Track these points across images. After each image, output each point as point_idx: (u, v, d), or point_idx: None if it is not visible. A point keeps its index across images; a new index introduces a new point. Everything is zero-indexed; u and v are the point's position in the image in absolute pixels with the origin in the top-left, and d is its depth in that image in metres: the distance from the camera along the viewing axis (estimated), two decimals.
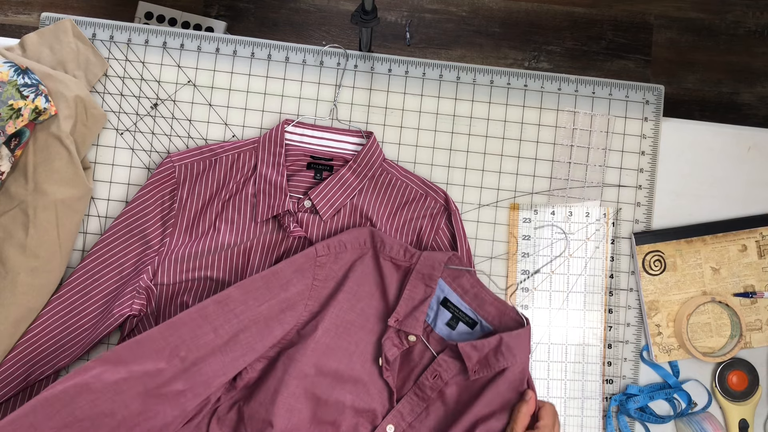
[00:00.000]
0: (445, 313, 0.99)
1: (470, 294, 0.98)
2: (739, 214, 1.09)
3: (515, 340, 0.94)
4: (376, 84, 1.08)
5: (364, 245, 0.99)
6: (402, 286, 0.97)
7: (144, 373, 0.88)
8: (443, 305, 0.99)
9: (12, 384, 0.95)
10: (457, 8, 1.88)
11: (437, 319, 0.99)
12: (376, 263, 0.98)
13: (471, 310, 0.98)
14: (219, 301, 0.91)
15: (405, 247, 0.98)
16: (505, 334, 0.94)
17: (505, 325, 0.96)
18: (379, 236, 0.99)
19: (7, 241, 0.96)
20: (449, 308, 0.98)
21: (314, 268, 0.96)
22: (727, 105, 1.89)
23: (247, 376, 0.94)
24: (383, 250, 0.98)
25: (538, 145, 1.09)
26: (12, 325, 0.95)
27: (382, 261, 0.98)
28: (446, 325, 0.99)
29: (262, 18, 1.87)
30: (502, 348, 0.93)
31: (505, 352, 0.94)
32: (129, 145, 1.06)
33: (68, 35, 1.04)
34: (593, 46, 1.88)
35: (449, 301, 0.98)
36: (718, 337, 1.06)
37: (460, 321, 0.98)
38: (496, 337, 0.93)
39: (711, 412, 1.05)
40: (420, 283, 0.96)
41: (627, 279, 1.07)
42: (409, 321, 0.95)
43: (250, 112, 1.07)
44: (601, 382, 1.06)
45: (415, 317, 0.95)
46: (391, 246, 0.98)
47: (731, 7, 1.90)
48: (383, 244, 0.98)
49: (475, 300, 0.98)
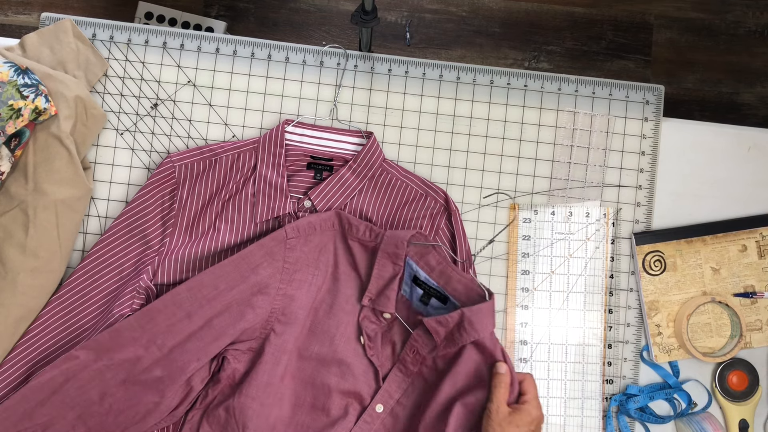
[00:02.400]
0: (417, 289, 0.99)
1: (437, 271, 0.97)
2: (739, 215, 1.09)
3: (477, 315, 0.93)
4: (376, 84, 1.08)
5: (333, 227, 0.99)
6: (372, 266, 0.98)
7: (125, 360, 0.91)
8: (414, 282, 0.99)
9: (12, 384, 0.95)
10: (457, 8, 1.88)
11: (413, 296, 1.00)
12: (346, 245, 0.99)
13: (438, 286, 0.98)
14: (191, 288, 0.93)
15: (370, 228, 0.99)
16: (467, 309, 0.93)
17: (471, 300, 0.96)
18: (346, 218, 0.99)
19: (7, 241, 0.96)
20: (420, 285, 0.98)
21: (284, 250, 0.96)
22: (727, 105, 1.89)
23: (229, 368, 0.95)
24: (351, 232, 0.99)
25: (538, 145, 1.09)
26: (12, 325, 0.96)
27: (351, 242, 0.99)
28: (420, 301, 0.99)
29: (262, 18, 1.87)
30: (465, 323, 0.93)
31: (468, 327, 0.93)
32: (129, 145, 1.06)
33: (68, 35, 1.04)
34: (593, 46, 1.88)
35: (419, 278, 0.99)
36: (718, 337, 1.06)
37: (432, 296, 0.98)
38: (458, 312, 0.93)
39: (711, 412, 1.05)
40: (387, 262, 0.97)
41: (627, 279, 1.07)
42: (381, 299, 0.96)
43: (250, 112, 1.07)
44: (601, 382, 1.06)
45: (387, 295, 0.96)
46: (357, 227, 0.99)
47: (731, 7, 1.90)
48: (350, 226, 0.99)
49: (442, 277, 0.97)
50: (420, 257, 0.98)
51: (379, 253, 0.97)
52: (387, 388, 0.97)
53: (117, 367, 0.91)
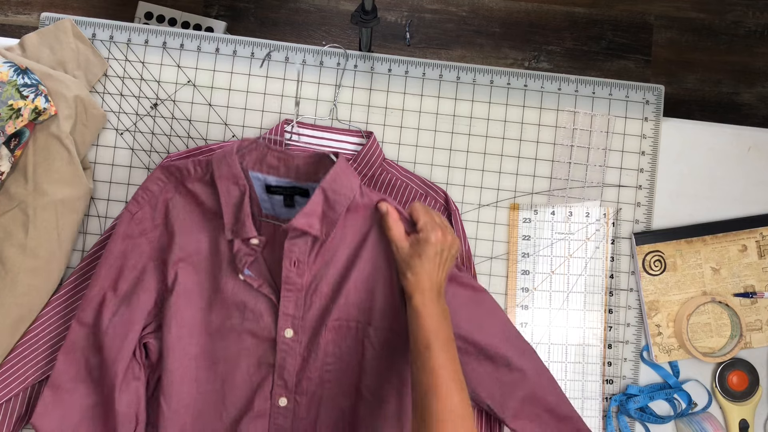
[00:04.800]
0: (275, 198, 0.95)
1: (281, 168, 0.93)
2: (739, 214, 1.09)
3: (335, 182, 0.90)
4: (376, 84, 1.08)
5: (167, 180, 0.95)
6: (218, 198, 0.93)
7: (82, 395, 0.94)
8: (269, 192, 0.95)
9: (12, 384, 0.95)
10: (457, 8, 1.88)
11: (275, 207, 0.96)
12: (188, 191, 0.95)
13: (293, 182, 0.94)
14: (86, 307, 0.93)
15: (195, 162, 0.94)
16: (323, 181, 0.90)
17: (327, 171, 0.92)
18: (173, 166, 0.95)
19: (7, 241, 0.96)
20: (275, 191, 0.94)
21: (137, 225, 0.94)
22: (727, 105, 1.89)
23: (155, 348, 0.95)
24: (185, 176, 0.95)
25: (538, 145, 1.09)
26: (12, 325, 0.95)
27: (191, 186, 0.94)
28: (285, 207, 0.95)
29: (262, 18, 1.87)
30: (329, 194, 0.90)
31: (333, 196, 0.90)
32: (129, 145, 1.06)
33: (68, 35, 1.04)
34: (593, 46, 1.88)
35: (270, 185, 0.94)
36: (718, 337, 1.06)
37: (293, 196, 0.94)
38: (317, 192, 0.90)
39: (711, 412, 1.05)
40: (229, 184, 0.91)
41: (627, 279, 1.07)
42: (239, 227, 0.91)
43: (250, 112, 1.07)
44: (602, 383, 1.06)
45: (242, 221, 0.91)
46: (186, 169, 0.94)
47: (731, 7, 1.90)
48: (180, 171, 0.95)
49: (289, 170, 0.93)
50: (260, 163, 0.93)
51: (217, 181, 0.92)
52: (284, 311, 0.93)
53: None
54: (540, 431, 0.96)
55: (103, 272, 0.94)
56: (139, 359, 0.94)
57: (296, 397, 0.94)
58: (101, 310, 0.93)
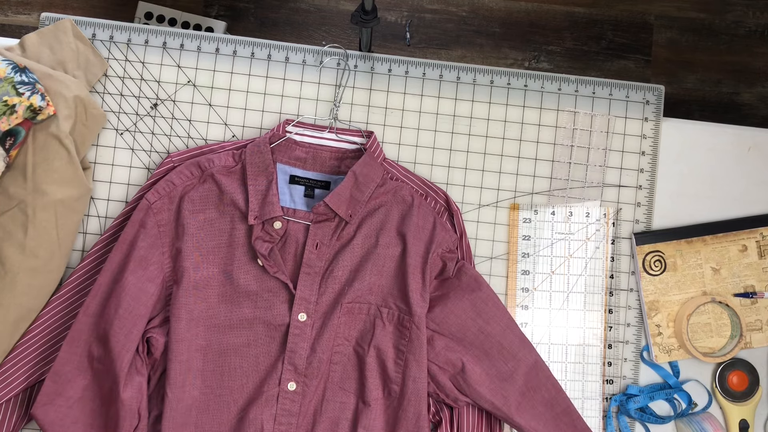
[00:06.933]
0: (297, 188, 1.00)
1: (309, 161, 1.00)
2: (739, 214, 1.09)
3: (365, 166, 0.97)
4: (376, 84, 1.08)
5: (192, 175, 0.99)
6: (245, 185, 0.97)
7: (82, 387, 0.94)
8: (293, 183, 1.00)
9: (12, 384, 0.95)
10: (457, 8, 1.88)
11: (295, 199, 1.00)
12: (213, 180, 0.98)
13: (318, 174, 1.00)
14: (95, 295, 0.94)
15: (230, 153, 0.99)
16: (355, 166, 0.97)
17: (352, 165, 0.99)
18: (204, 157, 0.99)
19: (7, 241, 0.96)
20: (298, 182, 1.00)
21: (153, 215, 0.96)
22: (727, 105, 1.89)
23: (158, 344, 0.95)
24: (212, 166, 0.98)
25: (538, 145, 1.09)
26: (12, 325, 0.95)
27: (218, 176, 0.98)
28: (305, 198, 1.00)
29: (262, 18, 1.87)
30: (359, 178, 0.96)
31: (362, 179, 0.97)
32: (129, 145, 1.06)
33: (68, 35, 1.04)
34: (593, 46, 1.88)
35: (296, 175, 1.00)
36: (719, 337, 1.06)
37: (314, 188, 1.00)
38: (349, 175, 0.96)
39: (711, 412, 1.05)
40: (259, 174, 0.97)
41: (627, 279, 1.07)
42: (266, 209, 0.95)
43: (250, 112, 1.07)
44: (602, 383, 1.06)
45: (270, 203, 0.95)
46: (219, 158, 0.99)
47: (731, 7, 1.90)
48: (209, 161, 0.99)
49: (315, 163, 1.00)
50: (288, 156, 0.99)
51: (248, 169, 0.97)
52: (300, 294, 0.96)
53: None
54: (543, 425, 0.98)
55: (116, 258, 0.95)
56: (142, 355, 0.94)
57: (305, 380, 0.95)
58: (108, 299, 0.93)
